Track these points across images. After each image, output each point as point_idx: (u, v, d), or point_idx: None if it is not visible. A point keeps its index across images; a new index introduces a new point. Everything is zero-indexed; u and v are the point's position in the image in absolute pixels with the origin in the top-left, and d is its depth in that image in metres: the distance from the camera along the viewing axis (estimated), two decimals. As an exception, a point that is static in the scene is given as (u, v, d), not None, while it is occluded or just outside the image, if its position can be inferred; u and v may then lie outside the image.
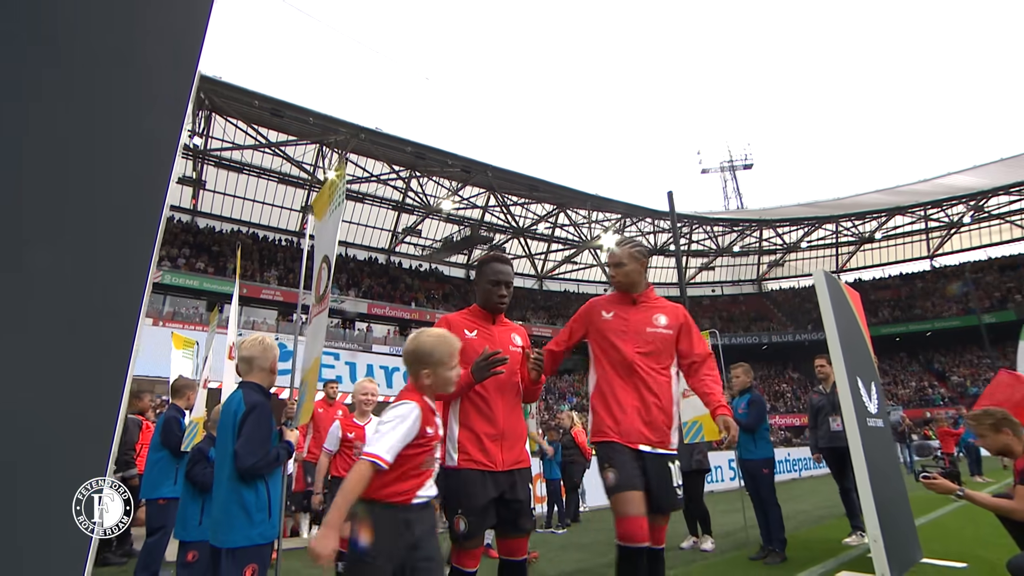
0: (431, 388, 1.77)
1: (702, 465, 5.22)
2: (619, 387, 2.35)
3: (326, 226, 2.81)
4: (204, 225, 29.27)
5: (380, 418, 1.68)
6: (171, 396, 3.85)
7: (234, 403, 2.16)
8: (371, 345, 27.11)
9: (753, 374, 4.91)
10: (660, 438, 2.33)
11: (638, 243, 2.58)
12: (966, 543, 4.77)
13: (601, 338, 2.45)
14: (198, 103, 23.63)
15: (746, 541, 5.16)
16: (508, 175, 30.25)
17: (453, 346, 1.78)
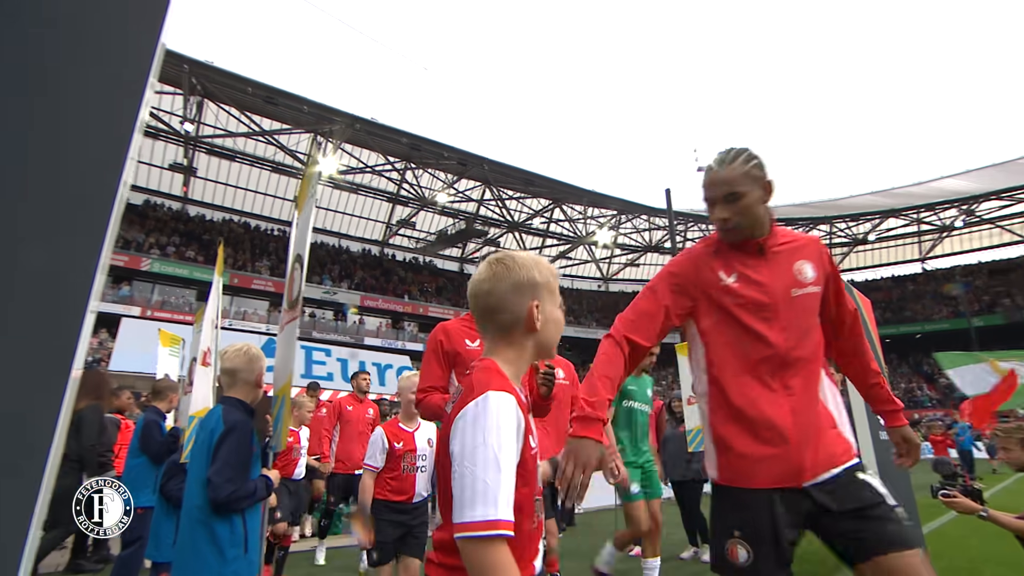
0: (534, 348, 1.06)
1: (700, 474, 5.08)
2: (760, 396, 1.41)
3: (302, 219, 2.56)
4: (195, 213, 28.82)
5: (460, 434, 0.93)
6: (151, 397, 3.62)
7: (212, 420, 1.92)
8: (363, 338, 26.86)
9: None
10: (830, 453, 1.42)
11: (750, 154, 1.55)
12: (973, 559, 4.66)
13: (722, 316, 1.48)
14: (190, 88, 23.13)
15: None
16: (504, 169, 29.98)
17: (554, 273, 1.13)
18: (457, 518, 0.87)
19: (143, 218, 25.93)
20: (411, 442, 2.82)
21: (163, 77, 22.84)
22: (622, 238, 38.27)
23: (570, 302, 38.54)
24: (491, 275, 1.07)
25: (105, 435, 4.09)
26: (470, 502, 0.86)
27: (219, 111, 25.44)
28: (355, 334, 27.14)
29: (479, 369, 1.01)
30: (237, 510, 1.83)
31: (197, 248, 25.90)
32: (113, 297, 21.80)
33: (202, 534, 1.79)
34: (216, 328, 3.37)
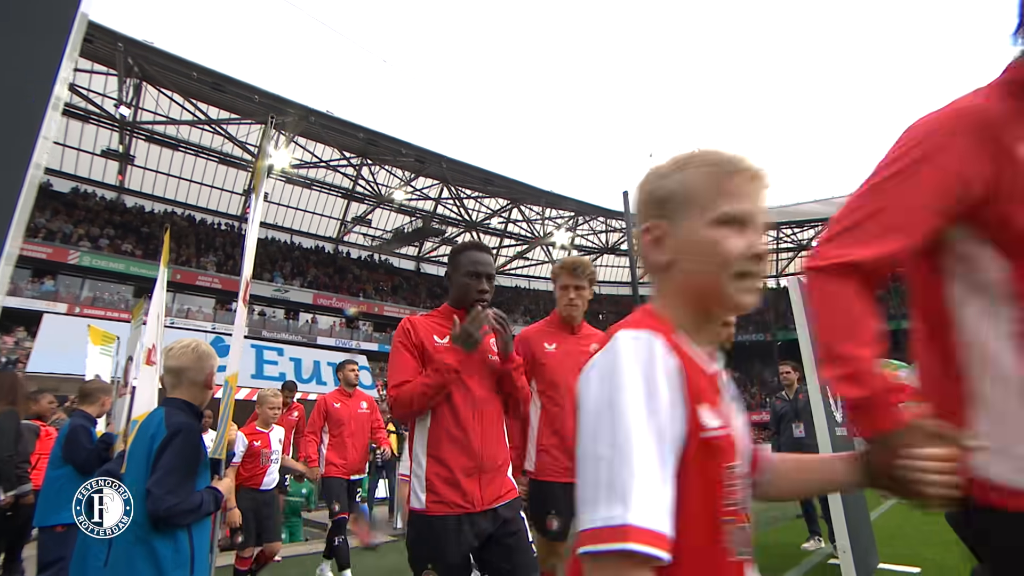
0: (686, 290, 0.74)
1: None
2: None
3: (254, 202, 2.34)
4: (132, 204, 26.98)
5: (583, 401, 0.65)
6: (79, 400, 3.24)
7: (152, 425, 1.70)
8: (316, 337, 25.97)
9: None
10: None
11: None
12: (912, 544, 4.91)
13: None
14: (126, 70, 21.61)
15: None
16: (463, 167, 29.72)
17: None
18: (579, 524, 0.60)
19: (71, 207, 23.96)
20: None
21: (95, 55, 21.25)
22: (579, 239, 38.76)
23: (527, 302, 38.66)
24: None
25: (21, 444, 3.65)
26: (592, 499, 0.58)
27: (160, 96, 23.91)
28: (307, 333, 26.20)
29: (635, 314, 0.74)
30: (181, 525, 1.62)
31: (135, 241, 24.24)
32: (33, 292, 20.08)
33: (140, 554, 1.57)
34: (161, 324, 3.07)
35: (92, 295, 21.86)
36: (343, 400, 4.49)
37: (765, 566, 4.38)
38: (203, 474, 1.76)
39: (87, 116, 23.67)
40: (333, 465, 4.19)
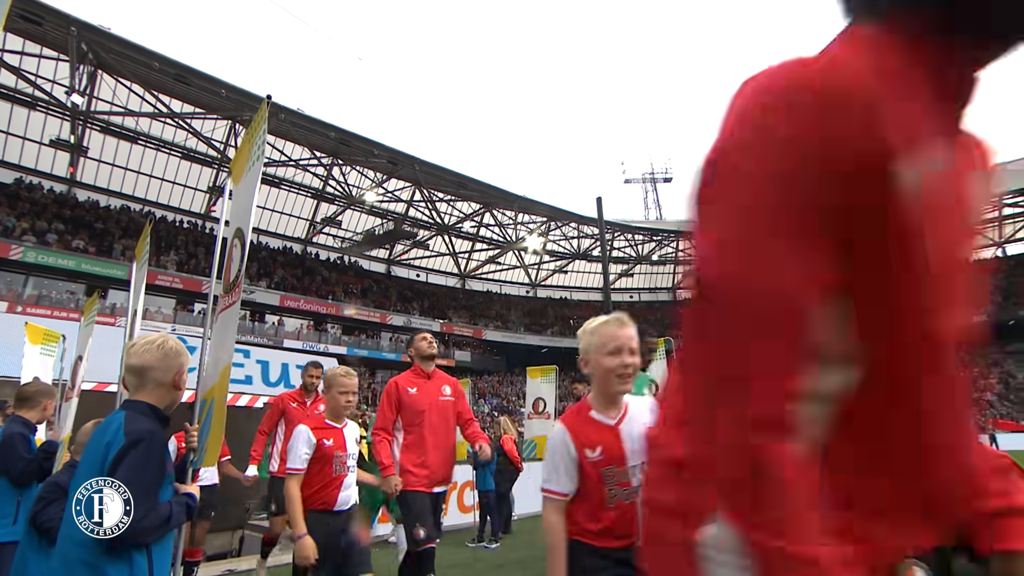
0: None
1: None
2: None
3: (241, 191, 2.17)
4: (85, 198, 25.60)
5: None
6: (16, 405, 2.91)
7: (110, 431, 1.46)
8: (282, 340, 25.17)
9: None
10: None
11: None
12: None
13: None
14: (79, 56, 20.47)
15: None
16: (436, 170, 29.44)
17: None
18: None
19: (13, 199, 22.48)
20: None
21: (44, 39, 20.10)
22: (551, 245, 38.91)
23: (498, 307, 38.53)
24: None
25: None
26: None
27: (117, 86, 22.78)
28: (273, 336, 25.37)
29: None
30: (141, 544, 1.40)
31: (87, 237, 22.97)
32: (-32, 289, 18.80)
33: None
34: (138, 318, 2.83)
35: (37, 293, 20.57)
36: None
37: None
38: (166, 487, 1.55)
39: (34, 103, 22.31)
40: (411, 474, 3.04)
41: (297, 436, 2.62)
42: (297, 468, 2.56)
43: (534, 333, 36.54)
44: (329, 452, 2.65)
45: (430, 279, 38.22)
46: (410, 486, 2.98)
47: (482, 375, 32.30)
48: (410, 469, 3.02)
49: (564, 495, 1.51)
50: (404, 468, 3.04)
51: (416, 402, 3.13)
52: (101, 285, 20.88)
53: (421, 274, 38.10)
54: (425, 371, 3.28)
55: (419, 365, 3.29)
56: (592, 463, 1.49)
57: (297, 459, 2.57)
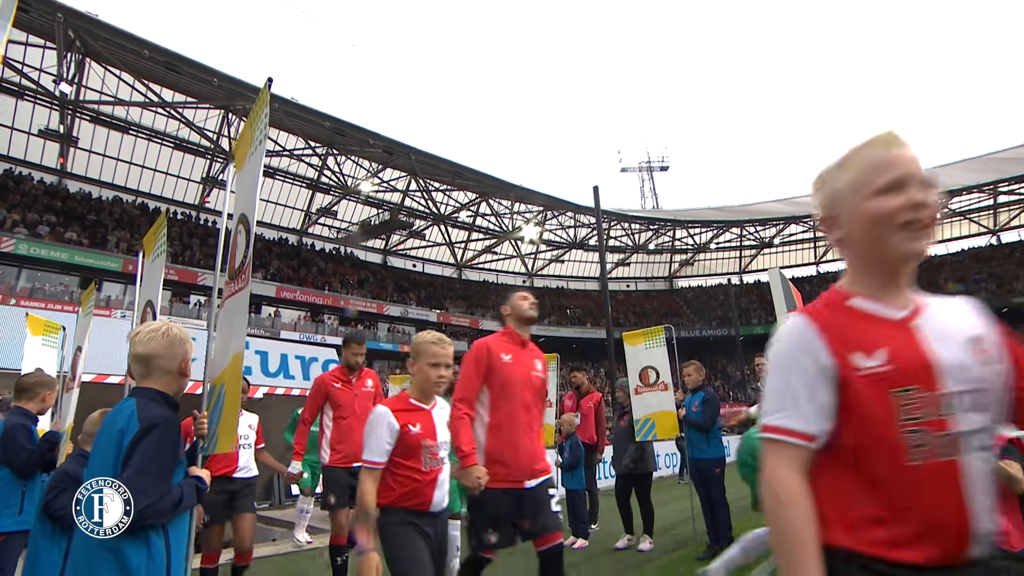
0: None
1: (650, 466, 5.07)
2: None
3: (244, 175, 2.13)
4: (76, 189, 25.28)
5: None
6: (15, 396, 2.88)
7: (122, 418, 1.47)
8: (279, 331, 25.14)
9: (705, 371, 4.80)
10: None
11: None
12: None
13: None
14: (67, 44, 20.08)
15: (685, 538, 5.10)
16: (432, 159, 29.25)
17: None
18: None
19: (3, 191, 22.11)
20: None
21: (30, 26, 19.71)
22: (547, 234, 38.84)
23: (495, 296, 38.54)
24: None
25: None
26: None
27: (106, 74, 22.39)
28: (270, 327, 25.31)
29: None
30: (156, 526, 1.41)
31: (80, 229, 22.73)
32: (-40, 282, 18.63)
33: (107, 563, 1.35)
34: (151, 311, 2.80)
35: (31, 286, 20.39)
36: (514, 351, 2.68)
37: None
38: (179, 471, 1.55)
39: (21, 92, 21.93)
40: (499, 464, 2.56)
41: (376, 421, 2.03)
42: (375, 462, 1.98)
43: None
44: (415, 441, 2.03)
45: (427, 269, 38.13)
46: (490, 483, 2.30)
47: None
48: (496, 459, 2.37)
49: (805, 435, 0.85)
50: (490, 457, 2.38)
51: (510, 373, 2.48)
52: (95, 277, 20.72)
53: (418, 264, 37.99)
54: (521, 337, 2.66)
55: (515, 329, 2.66)
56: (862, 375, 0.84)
57: (377, 450, 1.98)
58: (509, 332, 2.68)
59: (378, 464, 2.01)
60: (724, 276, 42.16)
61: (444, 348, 2.15)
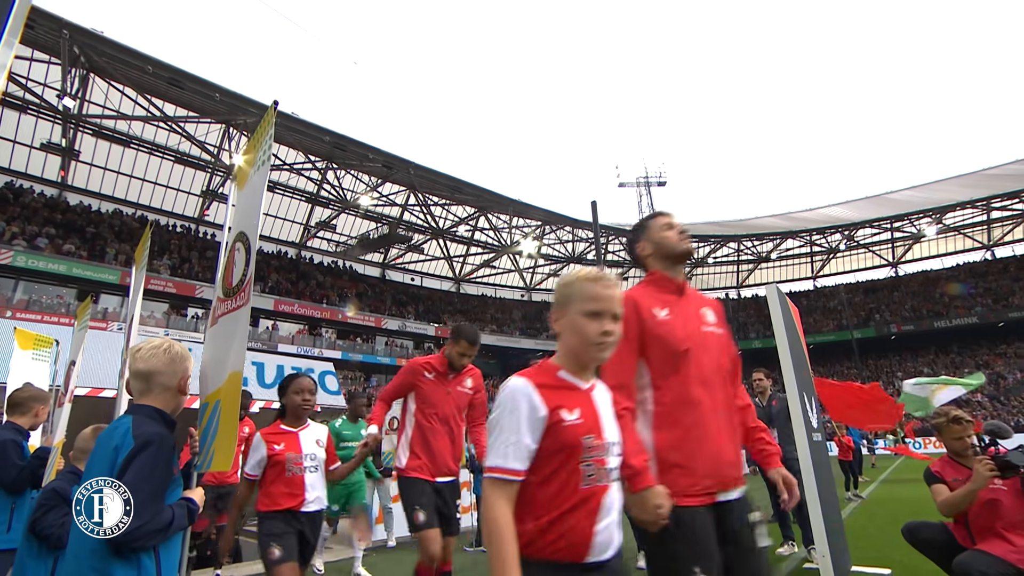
0: None
1: None
2: None
3: (246, 194, 2.15)
4: (76, 202, 25.39)
5: None
6: (7, 411, 2.86)
7: (117, 435, 1.47)
8: (276, 344, 25.05)
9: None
10: None
11: None
12: (878, 545, 5.00)
13: None
14: (71, 59, 20.36)
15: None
16: (431, 174, 29.47)
17: None
18: None
19: (4, 203, 22.23)
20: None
21: (35, 42, 19.98)
22: (546, 248, 38.97)
23: (493, 311, 38.51)
24: None
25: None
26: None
27: (109, 89, 22.66)
28: (268, 340, 25.23)
29: None
30: (146, 548, 1.41)
31: (79, 242, 22.77)
32: (-44, 294, 18.58)
33: None
34: (135, 323, 2.80)
35: (27, 298, 20.34)
36: (671, 303, 1.86)
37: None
38: (173, 490, 1.55)
39: (24, 106, 22.15)
40: None
41: (511, 402, 1.22)
42: (513, 469, 1.18)
43: (529, 337, 36.54)
44: (574, 437, 1.22)
45: (425, 283, 38.18)
46: None
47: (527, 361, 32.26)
48: (674, 464, 1.61)
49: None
50: (664, 464, 1.62)
51: (671, 332, 1.69)
52: (92, 290, 20.70)
53: (416, 278, 38.04)
54: (675, 280, 1.83)
55: (663, 272, 1.85)
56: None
57: (514, 450, 1.19)
58: (657, 278, 1.85)
59: (516, 474, 1.19)
60: (722, 291, 42.26)
61: (608, 288, 1.30)
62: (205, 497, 1.72)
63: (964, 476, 3.18)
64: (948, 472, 3.26)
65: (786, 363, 4.03)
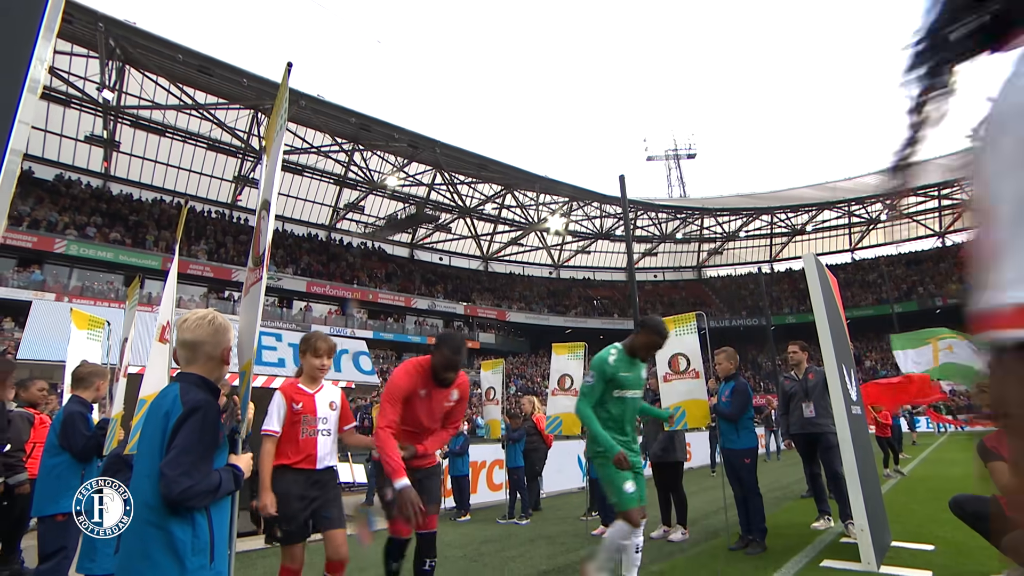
0: None
1: (681, 455, 5.06)
2: None
3: (269, 162, 2.20)
4: (119, 191, 26.44)
5: None
6: (72, 385, 3.08)
7: (167, 402, 1.56)
8: (310, 325, 25.77)
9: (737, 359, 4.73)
10: None
11: None
12: (921, 521, 4.90)
13: None
14: (108, 52, 20.96)
15: (717, 528, 5.06)
16: (456, 152, 29.38)
17: None
18: None
19: (55, 195, 23.40)
20: (312, 406, 2.75)
21: (74, 36, 20.60)
22: (573, 225, 38.59)
23: (521, 288, 38.57)
24: None
25: (12, 430, 3.49)
26: None
27: (144, 80, 23.28)
28: (301, 322, 25.98)
29: None
30: (197, 508, 1.50)
31: (123, 230, 23.77)
32: (20, 282, 19.66)
33: (156, 539, 1.44)
34: (173, 302, 2.94)
35: (81, 284, 21.44)
36: None
37: (776, 547, 4.34)
38: (221, 453, 1.64)
39: (68, 100, 23.00)
40: None
41: None
42: None
43: (557, 314, 36.52)
44: None
45: (453, 262, 38.43)
46: None
47: (507, 356, 32.56)
48: None
49: None
50: None
51: None
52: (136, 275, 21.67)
53: (444, 257, 38.31)
54: None
55: None
56: None
57: None
58: None
59: None
60: (754, 265, 41.12)
61: None
62: None
63: None
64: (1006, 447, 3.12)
65: (824, 334, 3.95)
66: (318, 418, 2.73)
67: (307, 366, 2.81)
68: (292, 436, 2.65)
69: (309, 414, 2.70)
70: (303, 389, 2.77)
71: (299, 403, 2.70)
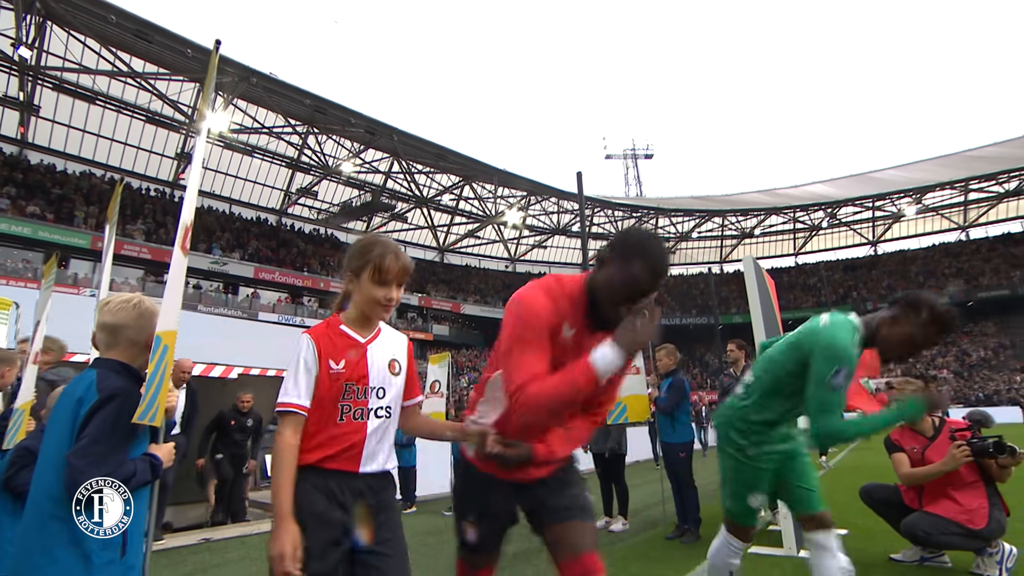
0: None
1: (620, 447, 5.17)
2: None
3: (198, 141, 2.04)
4: (38, 161, 24.24)
5: None
6: (-28, 373, 2.80)
7: (80, 388, 1.43)
8: (257, 313, 24.75)
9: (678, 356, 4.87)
10: None
11: None
12: (840, 509, 5.21)
13: None
14: (26, 4, 19.05)
15: (656, 519, 5.22)
16: (415, 141, 28.86)
17: None
18: None
19: (-39, 162, 21.24)
20: None
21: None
22: (530, 219, 38.78)
23: (476, 281, 38.46)
24: None
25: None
26: None
27: (70, 40, 21.35)
28: (248, 308, 24.90)
29: None
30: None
31: (44, 203, 21.89)
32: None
33: (58, 533, 1.32)
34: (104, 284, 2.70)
35: (-8, 261, 19.69)
36: None
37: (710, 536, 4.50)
38: (139, 444, 1.52)
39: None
40: None
41: None
42: None
43: (512, 308, 36.61)
44: None
45: (408, 252, 36.88)
46: None
47: (460, 349, 32.41)
48: None
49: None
50: None
51: None
52: (62, 254, 20.07)
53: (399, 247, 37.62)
54: None
55: None
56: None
57: None
58: None
59: None
60: (705, 265, 42.72)
61: None
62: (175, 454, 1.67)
63: (921, 444, 3.33)
64: (906, 440, 3.40)
65: (759, 331, 4.12)
66: (370, 388, 1.46)
67: (361, 296, 1.52)
68: (327, 416, 1.40)
69: (357, 381, 1.44)
70: (349, 334, 1.50)
71: (341, 360, 1.44)
